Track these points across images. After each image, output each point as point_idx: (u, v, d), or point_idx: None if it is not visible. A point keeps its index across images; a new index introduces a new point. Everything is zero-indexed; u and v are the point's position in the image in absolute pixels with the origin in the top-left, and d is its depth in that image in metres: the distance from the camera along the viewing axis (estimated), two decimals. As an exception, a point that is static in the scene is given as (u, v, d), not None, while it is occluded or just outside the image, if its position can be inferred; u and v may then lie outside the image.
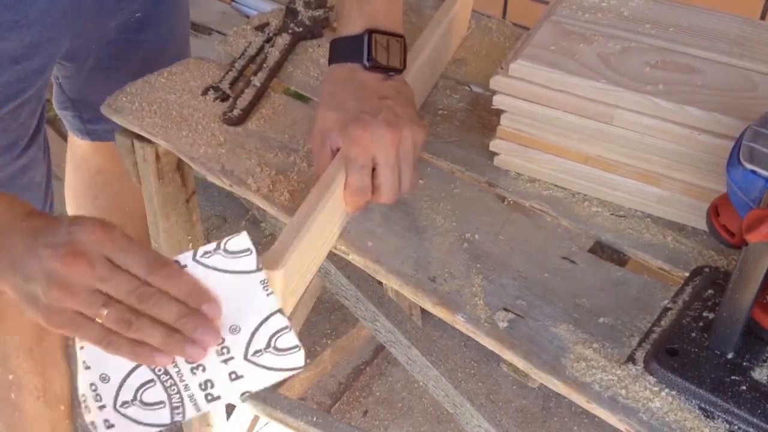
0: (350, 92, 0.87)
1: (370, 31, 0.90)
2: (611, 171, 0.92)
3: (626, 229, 0.92)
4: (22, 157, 1.11)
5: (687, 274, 0.86)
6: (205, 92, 1.09)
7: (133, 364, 0.73)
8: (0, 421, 1.42)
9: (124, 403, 0.73)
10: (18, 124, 1.09)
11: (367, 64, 0.89)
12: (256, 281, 0.74)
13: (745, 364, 0.76)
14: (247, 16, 1.25)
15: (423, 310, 1.73)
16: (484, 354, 1.87)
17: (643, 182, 0.91)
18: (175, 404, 0.73)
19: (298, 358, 0.73)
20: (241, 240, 0.75)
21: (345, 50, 0.91)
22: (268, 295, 0.74)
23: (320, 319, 1.95)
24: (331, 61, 0.93)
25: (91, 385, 0.73)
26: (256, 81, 1.09)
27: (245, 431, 1.56)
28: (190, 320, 0.70)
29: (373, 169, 0.85)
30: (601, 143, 0.90)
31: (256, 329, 0.74)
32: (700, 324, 0.79)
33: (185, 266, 0.74)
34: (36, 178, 1.16)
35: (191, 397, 0.73)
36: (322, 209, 0.82)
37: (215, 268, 0.74)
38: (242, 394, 0.73)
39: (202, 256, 0.74)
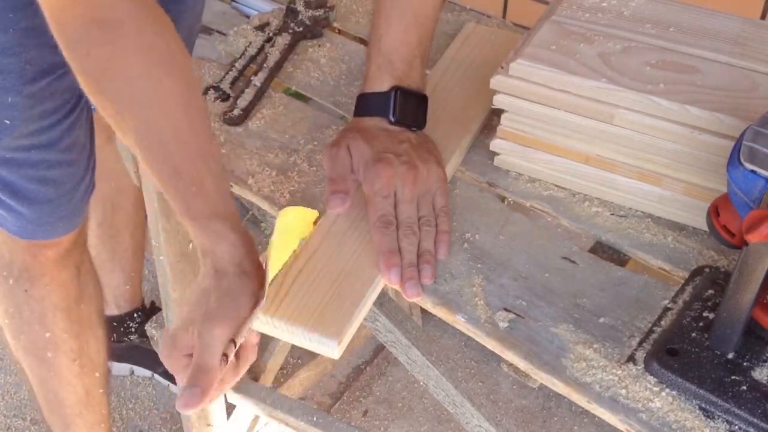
0: (376, 134, 0.94)
1: (397, 89, 0.95)
2: (612, 171, 0.92)
3: (626, 229, 0.92)
4: (69, 118, 1.12)
5: (687, 274, 0.86)
6: (205, 92, 1.08)
7: None
8: (36, 382, 1.41)
9: None
10: (64, 88, 1.09)
11: (392, 119, 0.95)
12: None
13: (745, 364, 0.76)
14: (247, 16, 1.25)
15: (423, 310, 1.73)
16: (484, 354, 1.86)
17: (644, 182, 0.91)
18: None
19: None
20: None
21: (372, 105, 0.96)
22: None
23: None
24: (356, 114, 0.98)
25: None
26: (257, 81, 1.09)
27: (245, 431, 1.56)
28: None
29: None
30: (602, 143, 0.90)
31: None
32: (701, 324, 0.79)
33: None
34: (80, 138, 1.16)
35: None
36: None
37: None
38: None
39: None
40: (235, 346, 0.79)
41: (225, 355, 0.78)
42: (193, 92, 0.84)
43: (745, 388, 0.75)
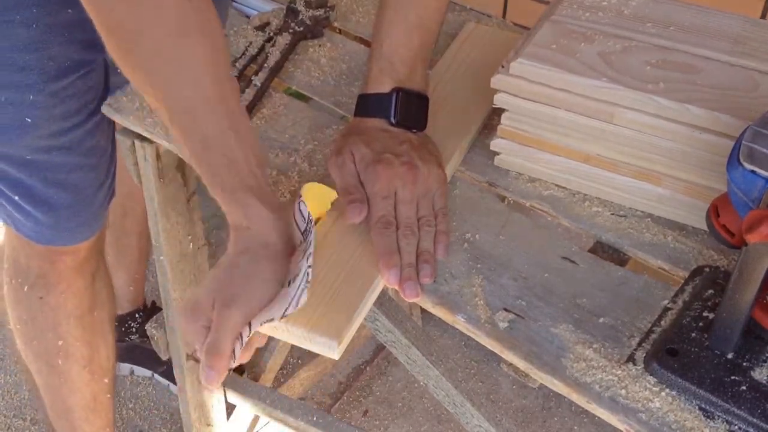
0: (377, 135, 0.94)
1: (398, 90, 0.95)
2: (612, 170, 0.92)
3: (626, 229, 0.92)
4: (90, 121, 1.11)
5: (687, 274, 0.86)
6: (205, 92, 1.08)
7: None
8: (44, 387, 1.41)
9: None
10: (88, 88, 1.09)
11: (393, 120, 0.95)
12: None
13: (745, 364, 0.76)
14: (248, 16, 1.25)
15: (423, 310, 1.73)
16: (484, 354, 1.87)
17: (644, 181, 0.91)
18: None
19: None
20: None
21: (373, 106, 0.96)
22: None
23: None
24: (357, 114, 0.98)
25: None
26: (257, 81, 1.09)
27: (245, 431, 1.56)
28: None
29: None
30: (602, 142, 0.90)
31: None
32: (700, 324, 0.79)
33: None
34: (101, 142, 1.16)
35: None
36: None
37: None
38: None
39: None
40: (250, 330, 0.78)
41: (240, 335, 0.77)
42: (222, 60, 0.82)
43: (744, 388, 0.74)
